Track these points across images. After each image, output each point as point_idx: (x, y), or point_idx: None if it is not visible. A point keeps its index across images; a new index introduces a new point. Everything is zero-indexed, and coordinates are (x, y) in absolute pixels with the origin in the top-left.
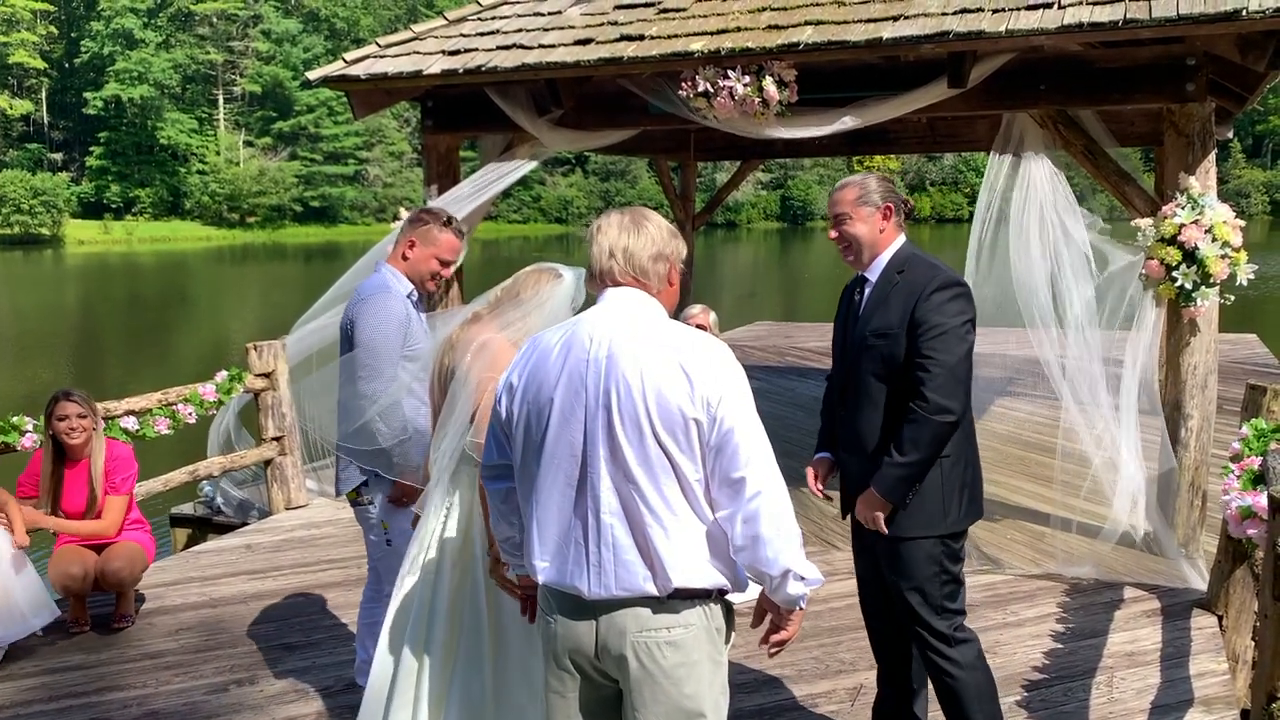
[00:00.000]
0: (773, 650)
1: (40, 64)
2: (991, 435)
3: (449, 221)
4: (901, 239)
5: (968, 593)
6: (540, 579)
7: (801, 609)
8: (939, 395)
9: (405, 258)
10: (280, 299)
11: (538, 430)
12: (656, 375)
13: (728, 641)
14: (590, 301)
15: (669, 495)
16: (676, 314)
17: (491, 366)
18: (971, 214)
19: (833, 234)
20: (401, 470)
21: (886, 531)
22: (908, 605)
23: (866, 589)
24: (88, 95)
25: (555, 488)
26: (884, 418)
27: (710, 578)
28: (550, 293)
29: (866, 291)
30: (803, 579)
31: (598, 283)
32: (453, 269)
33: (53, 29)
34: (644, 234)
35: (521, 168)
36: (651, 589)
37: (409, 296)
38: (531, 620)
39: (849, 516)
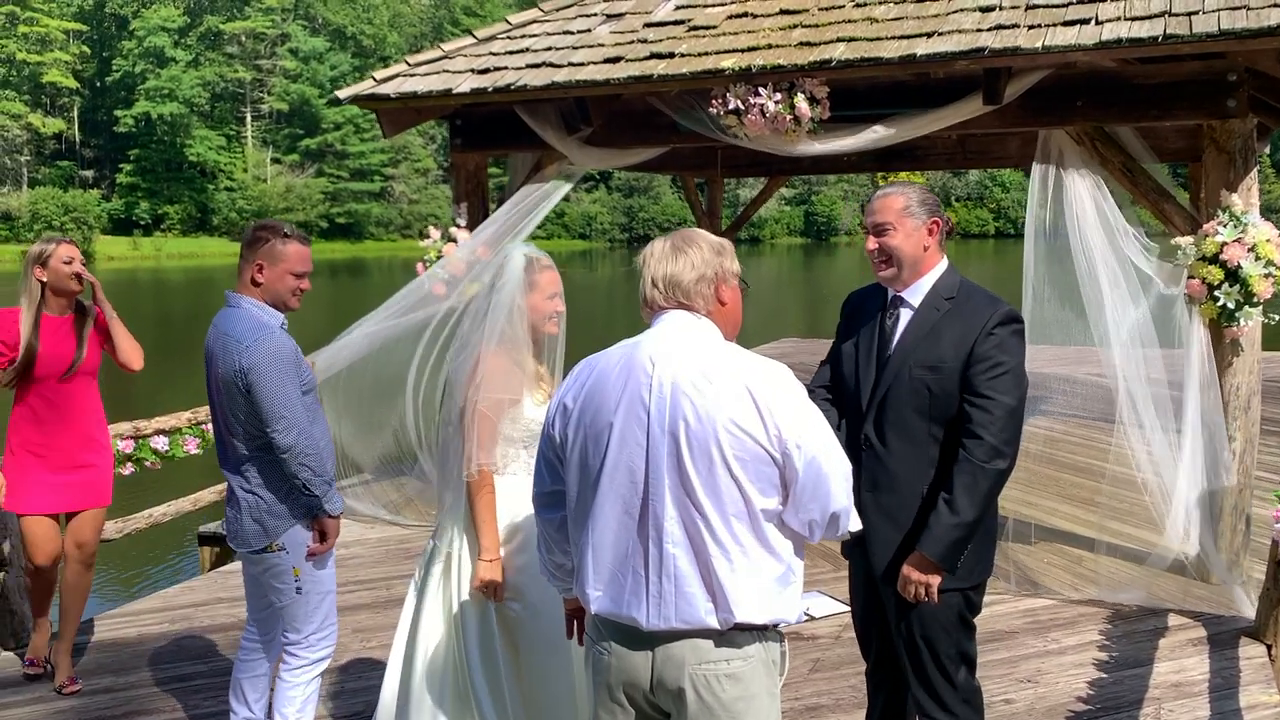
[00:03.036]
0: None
1: (72, 83)
2: (1023, 455)
3: (288, 232)
4: (945, 261)
5: (1007, 618)
6: (593, 608)
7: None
8: (996, 439)
9: (257, 283)
10: (306, 315)
11: (595, 456)
12: (726, 403)
13: (782, 674)
14: (642, 326)
15: (736, 527)
16: None
17: (476, 386)
18: (998, 230)
19: (871, 245)
20: (331, 509)
21: (939, 600)
22: (916, 659)
23: (868, 629)
24: (118, 113)
25: (613, 515)
26: (930, 457)
27: (771, 613)
28: (503, 279)
29: (904, 316)
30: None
31: (646, 309)
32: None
33: (85, 49)
34: (683, 259)
35: (558, 191)
36: (713, 622)
37: (282, 327)
38: (580, 641)
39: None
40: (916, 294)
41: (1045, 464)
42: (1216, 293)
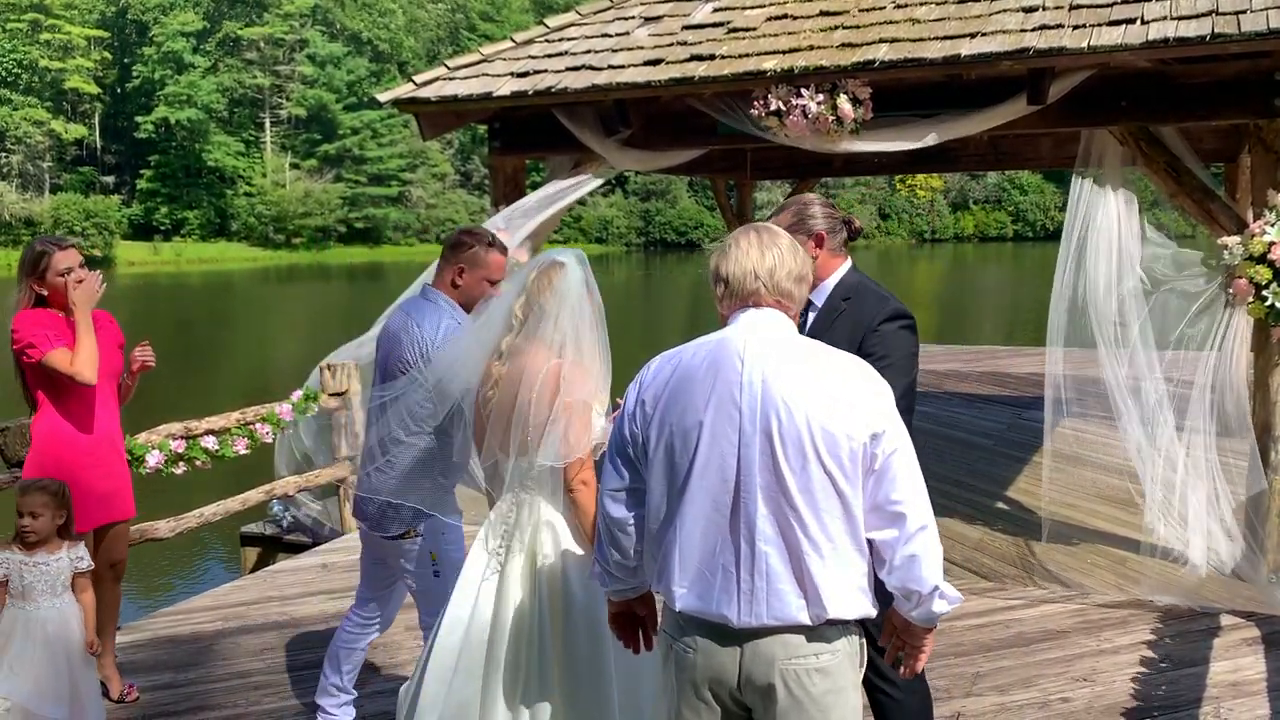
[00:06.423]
0: (907, 673)
1: (94, 89)
2: (1058, 457)
3: (491, 241)
4: (847, 264)
5: (1057, 617)
6: (678, 605)
7: (934, 627)
8: None
9: (456, 285)
10: (323, 319)
11: (684, 454)
12: (819, 399)
13: (862, 665)
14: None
15: (829, 524)
16: None
17: (569, 391)
18: (1016, 233)
19: None
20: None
21: None
22: None
23: None
24: (139, 119)
25: (701, 513)
26: None
27: (860, 607)
28: (565, 287)
29: (810, 316)
30: (945, 597)
31: (734, 304)
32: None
33: (106, 55)
34: (781, 255)
35: (584, 185)
36: (804, 618)
37: None
38: (636, 651)
39: None
40: (821, 295)
41: (1083, 466)
42: (1265, 292)
